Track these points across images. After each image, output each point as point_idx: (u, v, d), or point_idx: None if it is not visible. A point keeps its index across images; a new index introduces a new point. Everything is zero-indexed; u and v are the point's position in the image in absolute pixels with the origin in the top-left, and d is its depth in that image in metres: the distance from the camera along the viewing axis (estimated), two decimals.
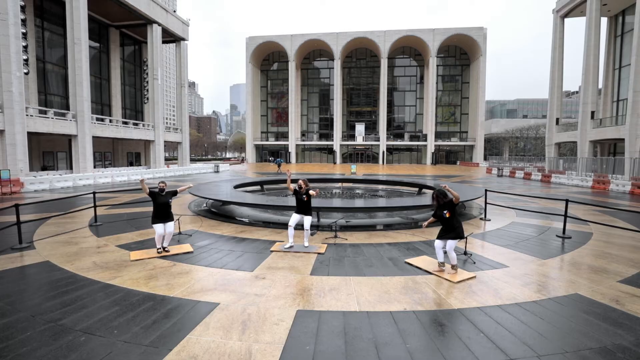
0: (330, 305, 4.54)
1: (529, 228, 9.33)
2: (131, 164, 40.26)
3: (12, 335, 3.83)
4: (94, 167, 31.63)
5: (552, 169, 32.12)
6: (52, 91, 29.98)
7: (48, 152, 29.64)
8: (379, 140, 60.91)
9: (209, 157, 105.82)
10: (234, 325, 4.01)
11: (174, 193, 7.02)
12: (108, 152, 37.60)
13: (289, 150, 63.75)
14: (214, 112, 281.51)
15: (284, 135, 66.17)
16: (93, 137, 28.64)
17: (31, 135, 25.13)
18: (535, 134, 62.74)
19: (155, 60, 35.54)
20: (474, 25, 56.62)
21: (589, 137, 30.06)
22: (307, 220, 7.09)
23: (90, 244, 7.49)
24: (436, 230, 6.27)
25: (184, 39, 41.12)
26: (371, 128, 65.04)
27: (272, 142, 67.68)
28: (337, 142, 61.90)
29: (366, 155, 64.92)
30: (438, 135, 61.69)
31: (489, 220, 10.30)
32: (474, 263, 6.28)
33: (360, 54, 65.26)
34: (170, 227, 6.77)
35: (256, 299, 4.73)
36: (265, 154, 68.81)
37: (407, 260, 6.37)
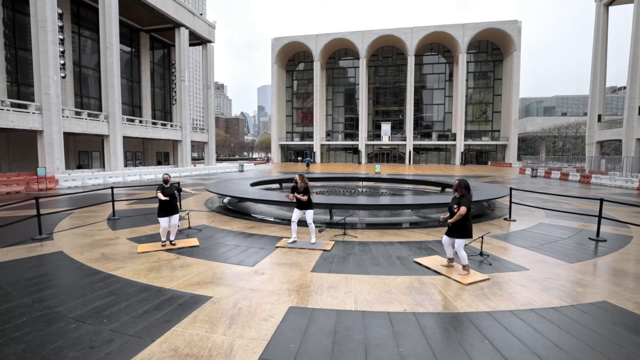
0: (325, 303, 4.30)
1: (558, 230, 8.58)
2: (160, 163, 41.86)
3: (10, 319, 3.91)
4: (125, 166, 33.18)
5: (593, 169, 29.90)
6: (87, 94, 31.76)
7: (83, 151, 31.40)
8: (405, 140, 59.56)
9: (236, 157, 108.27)
10: (222, 319, 3.88)
11: (178, 188, 7.00)
12: (139, 152, 39.33)
13: (314, 150, 63.82)
14: (242, 113, 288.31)
15: (309, 135, 66.31)
16: (124, 137, 30.02)
17: (67, 136, 26.74)
18: (575, 132, 58.84)
19: (182, 62, 36.76)
20: (507, 18, 53.67)
21: (636, 135, 27.64)
22: (309, 215, 6.91)
23: (104, 237, 7.70)
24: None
25: (210, 41, 42.23)
26: (398, 127, 63.76)
27: (297, 142, 68.05)
28: (362, 142, 61.22)
29: (392, 155, 63.69)
30: (468, 135, 59.40)
31: (514, 220, 9.60)
32: (490, 265, 5.80)
33: (387, 52, 64.17)
34: (175, 219, 6.80)
35: (250, 294, 4.58)
36: (290, 153, 69.32)
37: (417, 259, 6.00)
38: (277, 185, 18.06)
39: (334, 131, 68.09)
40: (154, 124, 35.24)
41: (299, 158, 64.88)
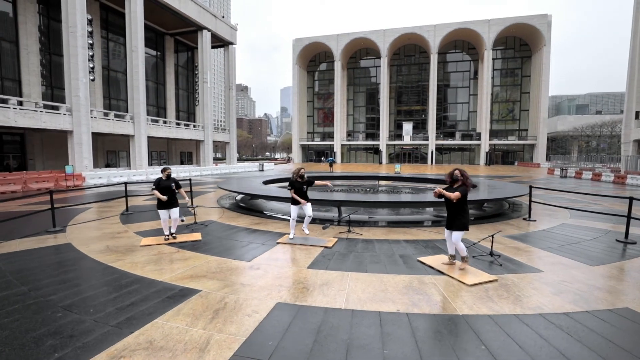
0: (315, 301, 4.11)
1: (582, 230, 7.93)
2: (183, 163, 43.04)
3: (3, 306, 3.98)
4: (150, 165, 34.32)
5: (629, 169, 27.89)
6: (116, 96, 33.12)
7: (111, 151, 32.75)
8: (427, 140, 58.15)
9: (258, 157, 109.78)
10: (205, 313, 3.77)
11: (177, 183, 6.96)
12: (163, 152, 40.62)
13: (334, 151, 63.60)
14: (265, 114, 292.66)
15: (330, 136, 66.13)
16: (149, 137, 31.07)
17: (96, 136, 27.95)
18: (610, 131, 55.23)
19: (204, 64, 37.62)
20: (536, 12, 51.21)
21: None
22: (308, 207, 6.80)
23: (112, 230, 7.86)
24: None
25: (232, 43, 42.98)
26: (420, 127, 62.37)
27: (317, 142, 68.05)
28: (383, 142, 60.36)
29: (414, 155, 62.35)
30: (493, 134, 57.19)
31: (534, 221, 8.99)
32: (500, 265, 5.39)
33: (409, 51, 62.97)
34: (175, 213, 6.82)
35: (240, 289, 4.46)
36: (311, 154, 69.44)
37: (420, 258, 5.68)
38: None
39: (354, 131, 67.57)
40: (177, 124, 36.25)
41: (322, 158, 64.81)
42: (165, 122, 34.30)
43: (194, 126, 38.29)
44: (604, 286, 4.63)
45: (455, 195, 4.87)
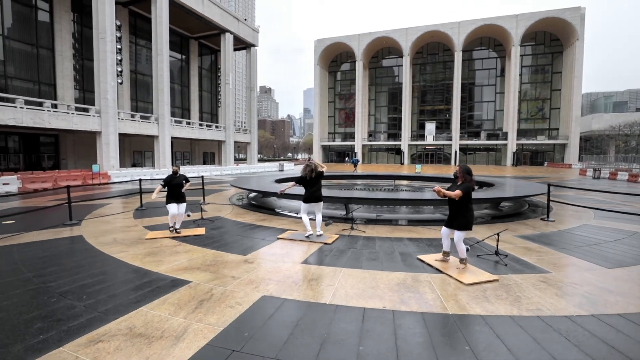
0: (300, 295, 4.04)
1: (604, 232, 7.38)
2: (205, 163, 44.17)
3: (6, 291, 4.19)
4: (173, 165, 35.45)
5: None
6: (142, 98, 34.51)
7: (137, 151, 34.14)
8: (451, 140, 56.58)
9: (281, 157, 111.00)
10: (190, 304, 3.80)
11: (186, 178, 7.16)
12: (187, 152, 41.89)
13: (355, 151, 63.23)
14: (288, 115, 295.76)
15: (351, 136, 65.79)
16: (173, 137, 32.15)
17: (123, 137, 29.22)
18: None
19: (227, 66, 38.47)
20: (567, 5, 47.87)
21: None
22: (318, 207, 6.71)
23: (123, 224, 8.14)
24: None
25: (253, 45, 43.70)
26: (444, 127, 60.80)
27: (338, 142, 67.92)
28: (405, 142, 59.34)
29: (437, 156, 60.83)
30: (521, 133, 54.78)
31: (553, 221, 8.46)
32: (505, 265, 5.10)
33: (432, 49, 61.61)
34: (182, 207, 6.97)
35: (229, 281, 4.47)
36: (332, 154, 69.38)
37: (420, 256, 5.48)
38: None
39: (376, 131, 66.88)
40: (200, 125, 37.26)
41: (345, 159, 64.50)
42: (188, 123, 35.33)
43: (216, 127, 39.22)
44: (617, 289, 4.26)
45: (456, 193, 4.67)
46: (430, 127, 59.11)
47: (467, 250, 5.09)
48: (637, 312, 3.65)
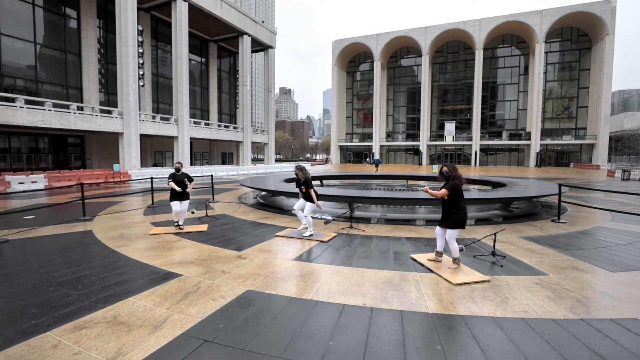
0: (284, 290, 4.08)
1: (618, 234, 7.00)
2: (224, 163, 45.07)
3: (12, 279, 4.47)
4: (192, 164, 36.43)
5: None
6: (164, 100, 35.64)
7: (158, 151, 35.28)
8: (471, 140, 55.13)
9: (300, 158, 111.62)
10: (176, 296, 3.92)
11: (189, 177, 7.35)
12: (206, 152, 42.89)
13: (373, 151, 62.77)
14: (307, 116, 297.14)
15: (369, 136, 65.33)
16: (192, 138, 33.02)
17: (145, 137, 30.31)
18: None
19: (244, 68, 39.15)
20: None
21: None
22: (308, 207, 6.71)
23: (132, 220, 8.46)
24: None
25: (271, 47, 44.24)
26: (464, 127, 59.31)
27: (356, 143, 67.61)
28: (423, 142, 58.35)
29: (457, 156, 59.44)
30: (546, 133, 52.66)
31: (564, 222, 8.11)
32: (502, 266, 4.95)
33: (452, 48, 60.27)
34: (185, 205, 7.18)
35: (218, 275, 4.57)
36: (350, 155, 69.14)
37: (413, 255, 5.40)
38: (317, 182, 18.05)
39: (394, 132, 66.12)
40: (218, 126, 38.08)
41: (367, 159, 64.00)
42: (207, 124, 36.17)
43: (234, 128, 39.96)
44: (617, 294, 4.05)
45: (441, 192, 4.66)
46: (449, 127, 57.85)
47: (462, 250, 4.99)
48: (632, 317, 3.47)
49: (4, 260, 5.31)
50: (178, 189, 7.08)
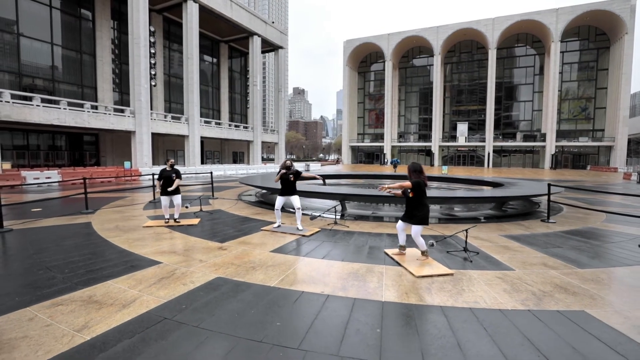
0: (251, 278, 4.33)
1: (606, 235, 6.96)
2: (235, 162, 45.81)
3: (7, 263, 4.89)
4: (203, 163, 37.19)
5: None
6: (175, 100, 36.54)
7: (170, 150, 36.19)
8: (484, 141, 54.26)
9: (312, 158, 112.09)
10: (150, 280, 4.22)
11: (177, 173, 7.60)
12: (217, 151, 43.70)
13: (384, 152, 62.54)
14: (321, 117, 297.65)
15: (381, 137, 65.06)
16: (203, 137, 33.78)
17: (157, 136, 31.15)
18: None
19: (255, 68, 39.72)
20: None
21: None
22: (296, 200, 6.94)
23: (130, 214, 8.88)
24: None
25: (281, 47, 44.71)
26: (477, 128, 58.38)
27: (367, 143, 67.45)
28: (435, 143, 57.76)
29: (469, 157, 58.54)
30: (561, 135, 51.33)
31: (553, 222, 8.08)
32: (471, 262, 5.06)
33: (465, 47, 59.40)
34: (176, 199, 7.51)
35: (195, 263, 4.85)
36: (361, 155, 69.01)
37: (387, 250, 5.56)
38: (320, 181, 18.23)
39: (406, 132, 65.66)
40: (229, 125, 38.79)
41: (385, 159, 63.40)
42: (217, 124, 36.90)
43: (244, 127, 40.59)
44: (573, 288, 4.12)
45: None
46: (462, 127, 57.10)
47: (432, 245, 5.15)
48: (579, 310, 3.56)
49: (4, 247, 5.75)
50: (158, 183, 7.40)
